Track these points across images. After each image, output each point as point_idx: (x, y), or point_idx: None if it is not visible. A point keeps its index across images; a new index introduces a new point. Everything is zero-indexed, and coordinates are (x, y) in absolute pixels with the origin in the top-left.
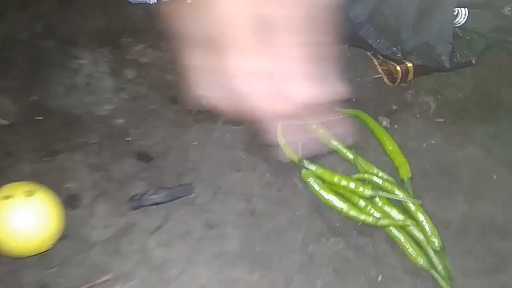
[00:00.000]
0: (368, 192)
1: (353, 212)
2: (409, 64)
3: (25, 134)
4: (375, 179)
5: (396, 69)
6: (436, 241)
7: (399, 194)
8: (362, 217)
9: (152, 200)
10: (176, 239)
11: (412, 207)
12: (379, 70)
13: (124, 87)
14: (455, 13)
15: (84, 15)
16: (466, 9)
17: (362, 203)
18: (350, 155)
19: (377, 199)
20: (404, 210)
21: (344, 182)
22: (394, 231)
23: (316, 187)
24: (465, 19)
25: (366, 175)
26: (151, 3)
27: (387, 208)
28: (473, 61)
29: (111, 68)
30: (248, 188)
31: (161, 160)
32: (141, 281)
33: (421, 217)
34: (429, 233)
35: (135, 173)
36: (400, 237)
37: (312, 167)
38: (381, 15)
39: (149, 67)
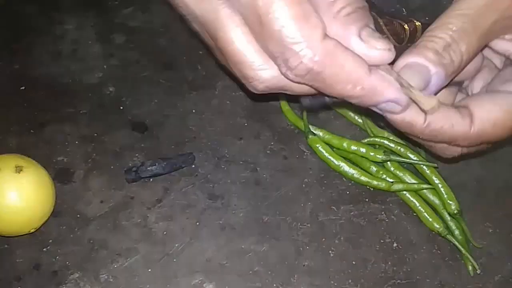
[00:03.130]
0: (380, 156)
1: (364, 178)
2: (417, 23)
3: (8, 106)
4: (387, 143)
5: (403, 28)
6: (453, 205)
7: (413, 158)
8: (375, 182)
9: (150, 172)
10: (178, 212)
11: (426, 170)
12: (385, 30)
13: (114, 53)
14: None
15: None
16: None
17: (373, 168)
18: (358, 119)
19: (389, 163)
20: (417, 174)
21: (354, 147)
22: (408, 196)
23: (325, 153)
24: None
25: (377, 139)
26: None
27: (399, 173)
28: None
29: (98, 33)
30: (252, 157)
31: (157, 130)
32: (143, 256)
33: (436, 180)
34: (445, 197)
35: (131, 144)
36: (415, 202)
37: (320, 133)
38: None
39: (139, 31)
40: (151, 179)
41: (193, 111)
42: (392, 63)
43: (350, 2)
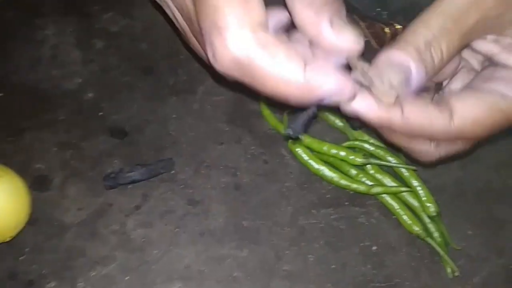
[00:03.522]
0: (359, 159)
1: (344, 181)
2: (398, 26)
3: None
4: (366, 146)
5: (384, 31)
6: (431, 207)
7: (392, 161)
8: (354, 185)
9: (129, 178)
10: (157, 218)
11: (405, 173)
12: (366, 33)
13: (94, 58)
14: None
15: None
16: None
17: (353, 171)
18: (339, 123)
19: (368, 167)
20: (396, 177)
21: (334, 151)
22: (388, 198)
23: (305, 157)
24: None
25: (357, 142)
26: None
27: (379, 176)
28: None
29: (78, 38)
30: (233, 161)
31: (137, 135)
32: (120, 264)
33: (415, 183)
34: (424, 199)
35: (109, 150)
36: (394, 204)
37: (300, 137)
38: None
39: (119, 36)
40: (129, 186)
41: (174, 116)
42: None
43: None
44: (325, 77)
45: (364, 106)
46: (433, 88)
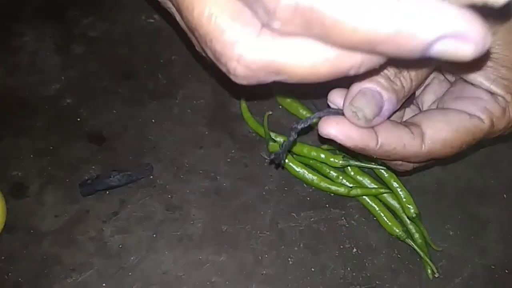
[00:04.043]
0: (339, 161)
1: (324, 184)
2: None
3: None
4: None
5: None
6: (411, 208)
7: (372, 162)
8: (334, 188)
9: (106, 184)
10: (135, 224)
11: (385, 174)
12: None
13: (72, 64)
14: None
15: None
16: None
17: (333, 173)
18: None
19: (349, 168)
20: (377, 178)
21: (313, 153)
22: (368, 200)
23: (285, 160)
24: None
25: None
26: None
27: (359, 178)
28: None
29: (57, 44)
30: (213, 165)
31: (115, 141)
32: (98, 271)
33: (395, 184)
34: (404, 201)
35: (87, 156)
36: (374, 206)
37: (280, 139)
38: None
39: (99, 41)
40: (107, 192)
41: (153, 120)
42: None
43: None
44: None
45: (340, 132)
46: (407, 101)
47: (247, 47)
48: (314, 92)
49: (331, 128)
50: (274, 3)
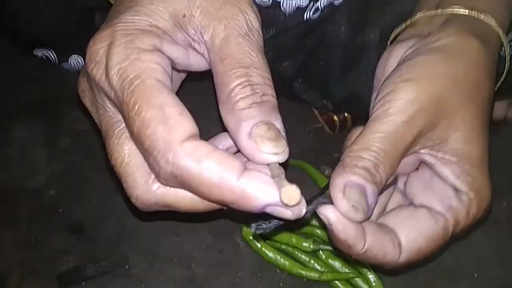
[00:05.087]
0: (309, 245)
1: (296, 269)
2: (346, 114)
3: None
4: (317, 231)
5: (333, 118)
6: None
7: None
8: (305, 272)
9: (82, 277)
10: None
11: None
12: (320, 119)
13: (58, 156)
14: None
15: (20, 86)
16: None
17: (305, 257)
18: None
19: (320, 252)
20: (349, 262)
21: (285, 237)
22: (339, 284)
23: (258, 245)
24: None
25: (307, 228)
26: None
27: (330, 261)
28: None
29: (45, 138)
30: (187, 253)
31: (94, 231)
32: None
33: (365, 268)
34: (373, 284)
35: (66, 247)
36: None
37: (253, 225)
38: (309, 70)
39: (86, 134)
40: (83, 283)
41: (132, 209)
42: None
43: (248, 94)
44: (259, 186)
45: (339, 221)
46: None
47: (142, 191)
48: None
49: (332, 213)
50: (157, 169)
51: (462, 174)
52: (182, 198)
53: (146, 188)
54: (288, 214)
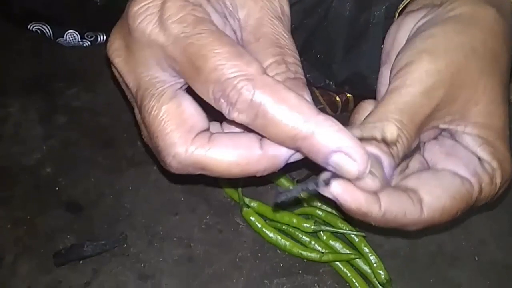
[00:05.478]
0: (310, 226)
1: (296, 249)
2: (349, 95)
3: None
4: (318, 212)
5: (336, 99)
6: (382, 274)
7: (342, 227)
8: (306, 253)
9: (79, 254)
10: None
11: (356, 239)
12: (321, 100)
13: (54, 134)
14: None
15: (15, 62)
16: None
17: (305, 238)
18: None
19: (321, 233)
20: (349, 243)
21: (286, 218)
22: (340, 265)
23: (258, 225)
24: None
25: (308, 209)
26: (84, 46)
27: (332, 242)
28: None
29: (40, 114)
30: (187, 232)
31: (91, 210)
32: None
33: (365, 249)
34: (375, 266)
35: (63, 225)
36: (346, 271)
37: (254, 205)
38: (312, 48)
39: (81, 111)
40: (80, 262)
41: (130, 188)
42: None
43: (283, 70)
44: (335, 128)
45: (347, 193)
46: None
47: (181, 150)
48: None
49: (339, 186)
50: (236, 97)
51: (484, 144)
52: (219, 160)
53: (185, 148)
54: (353, 166)
